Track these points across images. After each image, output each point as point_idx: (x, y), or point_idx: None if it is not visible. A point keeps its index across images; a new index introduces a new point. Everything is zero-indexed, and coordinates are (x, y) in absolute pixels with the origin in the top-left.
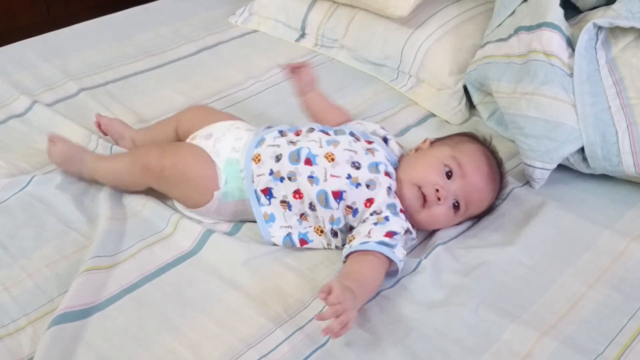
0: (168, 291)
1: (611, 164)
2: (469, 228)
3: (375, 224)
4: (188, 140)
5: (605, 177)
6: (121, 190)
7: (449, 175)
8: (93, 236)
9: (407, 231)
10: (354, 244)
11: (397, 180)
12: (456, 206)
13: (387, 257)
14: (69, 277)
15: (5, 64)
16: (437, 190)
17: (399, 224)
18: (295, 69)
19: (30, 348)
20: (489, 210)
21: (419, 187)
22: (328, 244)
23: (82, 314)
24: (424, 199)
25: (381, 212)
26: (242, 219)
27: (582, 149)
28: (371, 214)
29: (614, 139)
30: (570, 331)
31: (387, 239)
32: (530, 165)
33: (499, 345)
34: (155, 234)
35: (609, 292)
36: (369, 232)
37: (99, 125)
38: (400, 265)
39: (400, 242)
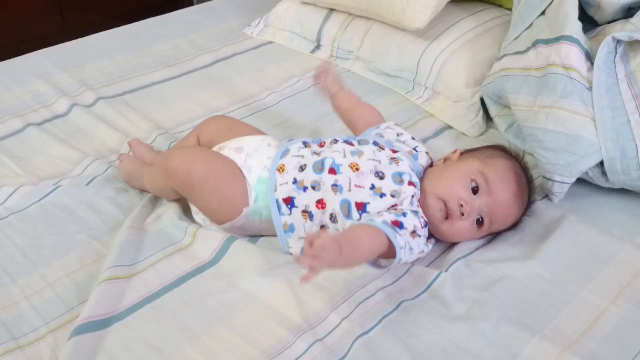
0: (188, 301)
1: (630, 178)
2: (488, 242)
3: (390, 213)
4: (213, 149)
5: (624, 191)
6: (164, 197)
7: (475, 190)
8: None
9: (414, 232)
10: (362, 221)
11: (422, 190)
12: (480, 222)
13: (388, 240)
14: (89, 286)
15: (23, 74)
16: (462, 206)
17: (412, 221)
18: (317, 75)
19: (50, 357)
20: (513, 226)
21: (444, 201)
22: None
23: (103, 323)
24: (447, 212)
25: (402, 210)
26: (264, 235)
27: (601, 163)
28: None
29: (633, 153)
30: (592, 347)
31: (393, 225)
32: (549, 179)
33: None
34: (174, 244)
35: (630, 307)
36: (380, 214)
37: (130, 146)
38: (400, 253)
39: (405, 237)
